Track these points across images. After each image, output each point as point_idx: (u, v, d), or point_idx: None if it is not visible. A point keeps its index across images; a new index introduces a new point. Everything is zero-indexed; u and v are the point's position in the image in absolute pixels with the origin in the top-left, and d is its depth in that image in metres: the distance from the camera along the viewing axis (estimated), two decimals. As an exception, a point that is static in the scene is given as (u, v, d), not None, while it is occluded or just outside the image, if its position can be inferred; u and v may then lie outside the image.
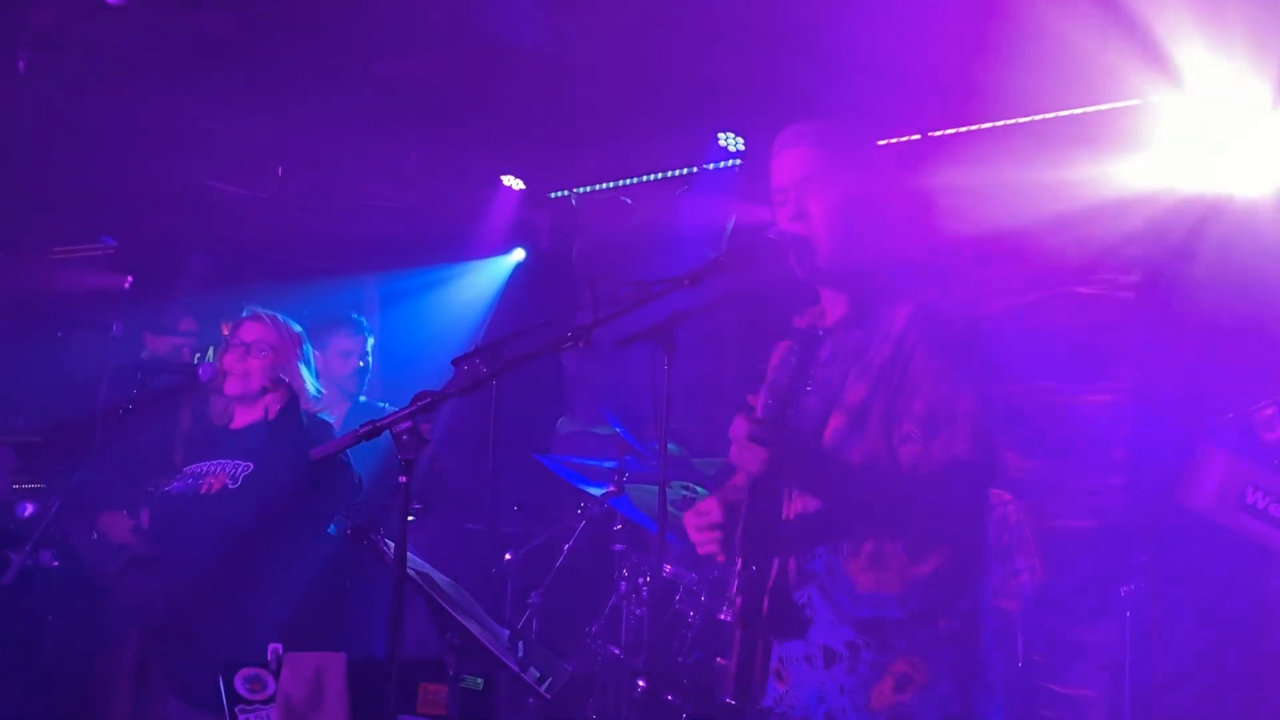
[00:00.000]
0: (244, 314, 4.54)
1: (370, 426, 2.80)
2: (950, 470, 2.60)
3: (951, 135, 5.89)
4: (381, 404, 5.59)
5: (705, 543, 2.77)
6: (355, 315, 5.83)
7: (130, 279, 7.58)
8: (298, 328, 4.57)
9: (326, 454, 3.03)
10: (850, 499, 2.65)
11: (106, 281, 7.60)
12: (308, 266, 7.55)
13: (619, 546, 5.29)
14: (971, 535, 2.70)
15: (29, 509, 5.47)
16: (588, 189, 7.44)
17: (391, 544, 2.98)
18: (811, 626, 2.65)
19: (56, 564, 5.08)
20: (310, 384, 4.54)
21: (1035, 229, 5.68)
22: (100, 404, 4.53)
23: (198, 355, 5.73)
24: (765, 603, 2.65)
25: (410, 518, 5.45)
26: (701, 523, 2.77)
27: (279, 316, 4.53)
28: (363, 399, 5.62)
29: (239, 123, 6.44)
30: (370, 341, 5.72)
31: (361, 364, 5.66)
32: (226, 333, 4.54)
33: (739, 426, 2.57)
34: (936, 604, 2.60)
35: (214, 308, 6.00)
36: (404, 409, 2.80)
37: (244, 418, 4.48)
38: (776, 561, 2.68)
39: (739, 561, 2.69)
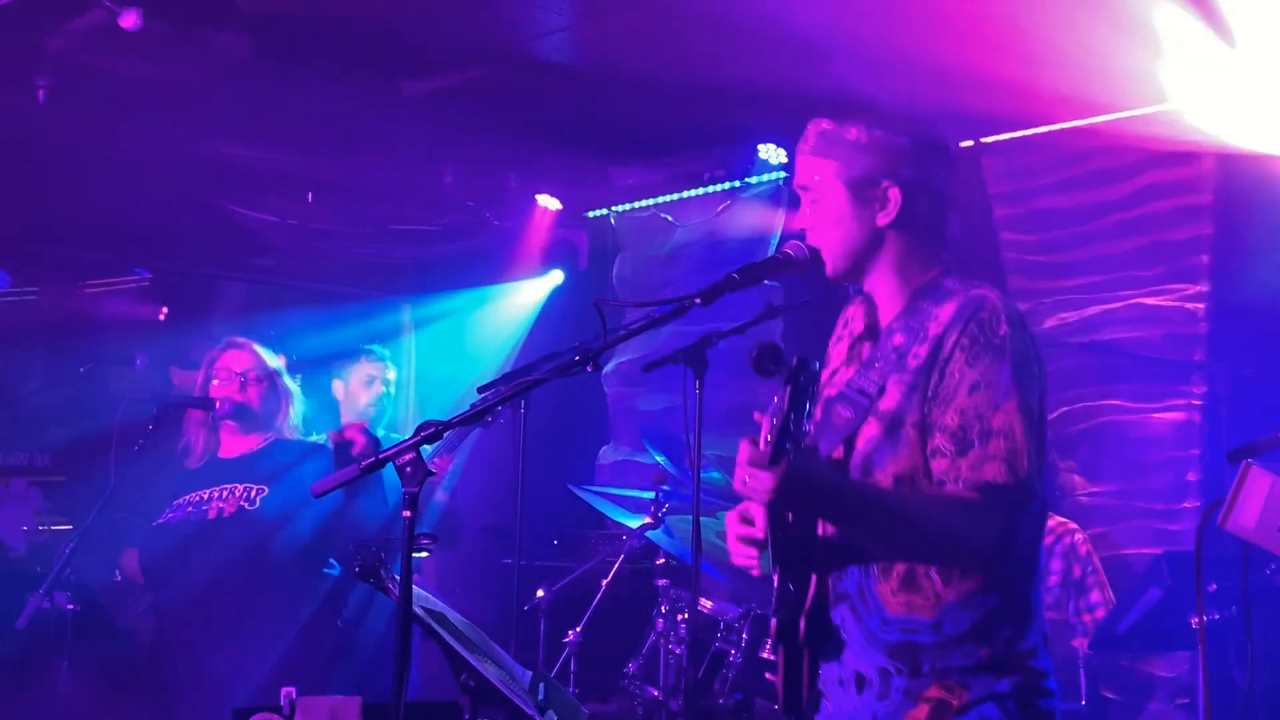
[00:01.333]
0: (223, 343, 4.59)
1: (372, 459, 2.65)
2: (979, 494, 2.39)
3: (1006, 141, 5.68)
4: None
5: (742, 556, 2.60)
6: (373, 347, 5.78)
7: (165, 310, 7.52)
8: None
9: (327, 489, 2.82)
10: (867, 525, 2.48)
11: (141, 314, 7.54)
12: (341, 293, 7.44)
13: (662, 581, 5.03)
14: (1012, 562, 2.45)
15: None
16: (626, 207, 7.38)
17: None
18: (845, 649, 2.52)
19: (72, 607, 4.98)
20: (300, 404, 4.63)
21: (1098, 236, 5.47)
22: (115, 440, 4.44)
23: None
24: (803, 624, 2.50)
25: (424, 553, 5.32)
26: (744, 533, 2.58)
27: (257, 343, 4.59)
28: (381, 432, 5.47)
29: (266, 147, 6.33)
30: (391, 369, 5.60)
31: (384, 390, 5.55)
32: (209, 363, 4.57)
33: (743, 452, 2.37)
34: (974, 630, 2.41)
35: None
36: (406, 440, 2.61)
37: (235, 447, 4.50)
38: (815, 579, 2.52)
39: (775, 578, 2.52)
